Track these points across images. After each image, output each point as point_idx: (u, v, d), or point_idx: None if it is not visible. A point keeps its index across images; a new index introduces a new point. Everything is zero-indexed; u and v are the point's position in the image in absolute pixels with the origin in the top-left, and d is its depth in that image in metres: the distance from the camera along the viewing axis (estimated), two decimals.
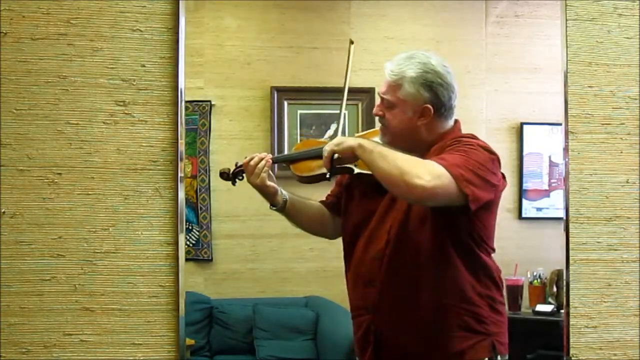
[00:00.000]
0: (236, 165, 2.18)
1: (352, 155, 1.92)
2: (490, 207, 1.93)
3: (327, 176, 2.01)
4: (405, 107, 1.98)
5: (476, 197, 1.80)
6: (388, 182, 1.82)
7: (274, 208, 2.14)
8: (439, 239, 1.91)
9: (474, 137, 1.97)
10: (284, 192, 2.13)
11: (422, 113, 1.98)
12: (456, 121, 2.04)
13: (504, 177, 1.97)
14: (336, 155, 1.96)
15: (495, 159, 1.90)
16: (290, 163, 2.20)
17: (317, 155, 2.14)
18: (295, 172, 2.16)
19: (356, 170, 2.07)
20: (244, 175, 2.14)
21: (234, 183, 2.20)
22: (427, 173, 1.75)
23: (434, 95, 1.96)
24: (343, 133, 2.21)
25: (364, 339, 2.01)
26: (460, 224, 1.90)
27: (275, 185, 2.11)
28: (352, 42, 2.25)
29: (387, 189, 1.87)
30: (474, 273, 1.95)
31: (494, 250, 2.00)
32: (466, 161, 1.82)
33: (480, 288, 1.95)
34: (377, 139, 2.09)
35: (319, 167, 2.12)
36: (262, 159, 2.09)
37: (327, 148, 1.96)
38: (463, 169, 1.79)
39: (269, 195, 2.12)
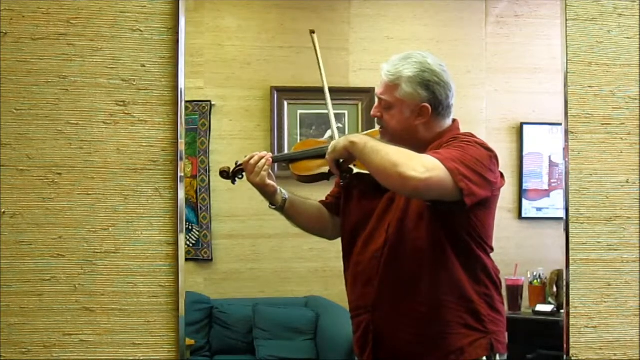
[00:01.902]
0: (236, 164, 2.18)
1: (349, 154, 1.93)
2: (488, 204, 1.93)
3: (342, 183, 2.06)
4: (403, 107, 1.98)
5: (471, 192, 1.79)
6: (382, 176, 1.82)
7: (274, 207, 2.14)
8: (436, 237, 1.91)
9: (471, 135, 1.97)
10: (283, 191, 2.14)
11: (420, 112, 1.98)
12: (454, 120, 2.04)
13: (502, 175, 1.96)
14: (341, 160, 1.98)
15: (492, 156, 1.90)
16: (289, 162, 2.20)
17: (317, 155, 2.15)
18: (295, 171, 2.16)
19: (355, 170, 2.07)
20: (243, 174, 2.14)
21: (233, 182, 2.20)
22: (421, 165, 1.75)
23: (431, 94, 1.96)
24: (343, 133, 2.21)
25: (363, 338, 2.01)
26: (458, 223, 1.90)
27: (275, 185, 2.12)
28: (312, 32, 2.24)
29: (381, 184, 1.87)
30: (472, 272, 1.95)
31: (492, 249, 2.00)
32: (462, 156, 1.81)
33: (478, 287, 1.95)
34: (378, 139, 2.09)
35: (318, 167, 2.13)
36: (262, 158, 2.09)
37: (327, 158, 1.99)
38: (458, 164, 1.79)
39: (268, 194, 2.12)
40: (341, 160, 1.99)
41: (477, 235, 1.94)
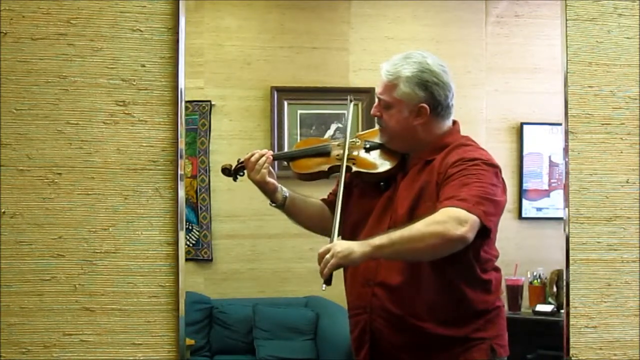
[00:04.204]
0: (238, 161, 2.18)
1: (365, 259, 1.82)
2: None
3: (323, 288, 1.83)
4: (402, 107, 1.98)
5: (495, 224, 1.86)
6: (430, 252, 1.80)
7: (274, 205, 2.14)
8: None
9: (473, 147, 1.97)
10: (284, 189, 2.14)
11: (419, 113, 1.98)
12: (455, 122, 2.04)
13: (504, 187, 1.96)
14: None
15: (497, 171, 1.92)
16: (290, 160, 2.21)
17: (317, 153, 2.15)
18: (295, 169, 2.17)
19: (354, 169, 2.07)
20: (245, 171, 2.14)
21: (235, 179, 2.21)
22: (455, 222, 1.76)
23: (429, 94, 1.96)
24: (343, 133, 2.20)
25: (360, 338, 2.00)
26: None
27: (275, 182, 2.12)
28: (351, 100, 2.23)
29: (425, 260, 1.87)
30: (471, 276, 1.94)
31: (496, 257, 1.99)
32: (480, 188, 1.83)
33: (477, 290, 1.94)
34: (378, 138, 2.09)
35: (317, 165, 2.13)
36: (262, 156, 2.10)
37: (333, 261, 1.79)
38: (483, 205, 1.81)
39: (269, 191, 2.12)
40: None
41: (481, 244, 1.93)
